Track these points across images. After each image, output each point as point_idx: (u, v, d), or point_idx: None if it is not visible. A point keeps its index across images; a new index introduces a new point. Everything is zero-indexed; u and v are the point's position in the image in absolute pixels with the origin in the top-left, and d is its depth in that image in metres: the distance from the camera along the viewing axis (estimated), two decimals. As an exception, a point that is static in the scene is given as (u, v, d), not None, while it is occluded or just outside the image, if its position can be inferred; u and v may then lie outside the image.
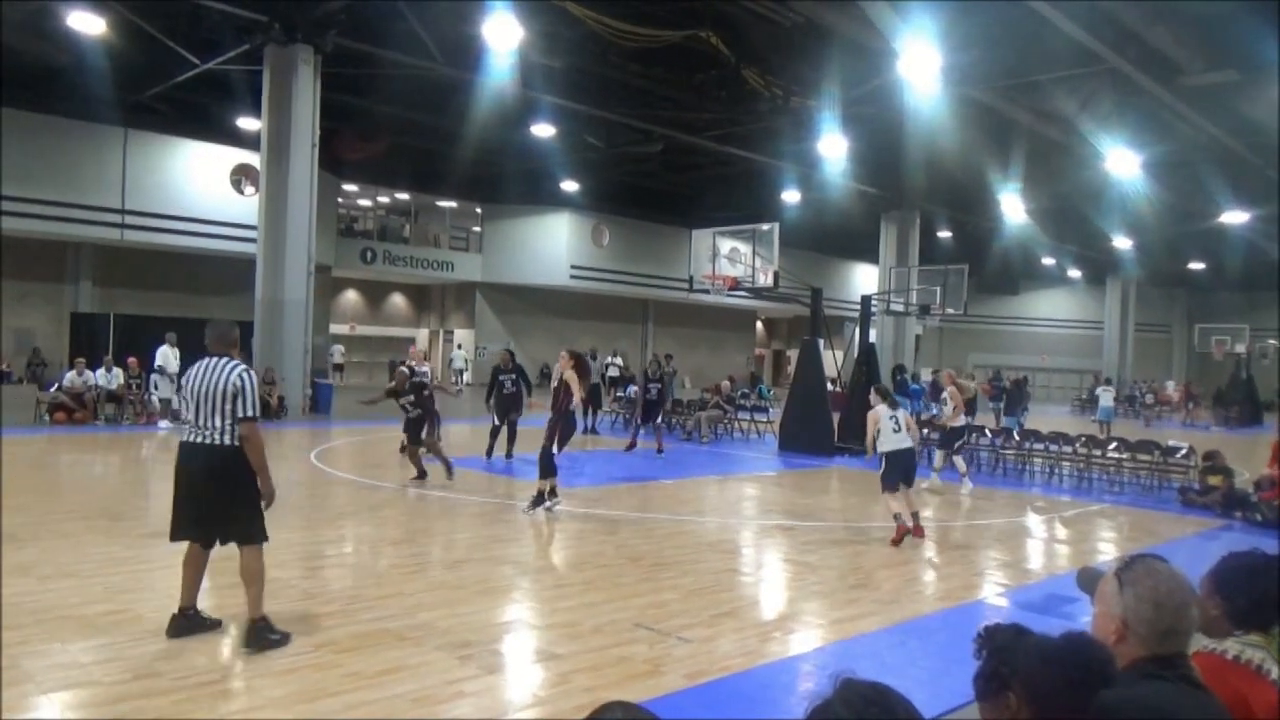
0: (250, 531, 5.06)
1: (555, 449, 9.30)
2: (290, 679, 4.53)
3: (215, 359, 5.06)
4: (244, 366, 5.09)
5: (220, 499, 5.00)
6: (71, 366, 17.53)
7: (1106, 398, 23.48)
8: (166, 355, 17.47)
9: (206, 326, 5.27)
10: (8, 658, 4.66)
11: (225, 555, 5.21)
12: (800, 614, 6.30)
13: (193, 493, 5.01)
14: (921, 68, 16.31)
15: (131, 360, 17.61)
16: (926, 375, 27.02)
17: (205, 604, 5.32)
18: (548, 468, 9.27)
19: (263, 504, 5.08)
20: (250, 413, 4.99)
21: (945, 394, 13.08)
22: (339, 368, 35.20)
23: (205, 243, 25.57)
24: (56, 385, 16.93)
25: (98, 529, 7.86)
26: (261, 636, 4.94)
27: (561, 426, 9.35)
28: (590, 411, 18.64)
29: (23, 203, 22.74)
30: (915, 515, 8.69)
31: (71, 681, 4.43)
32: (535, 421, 12.80)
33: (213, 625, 5.17)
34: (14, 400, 18.55)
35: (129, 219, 24.44)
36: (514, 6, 16.20)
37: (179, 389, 5.17)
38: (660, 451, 15.30)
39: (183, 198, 25.20)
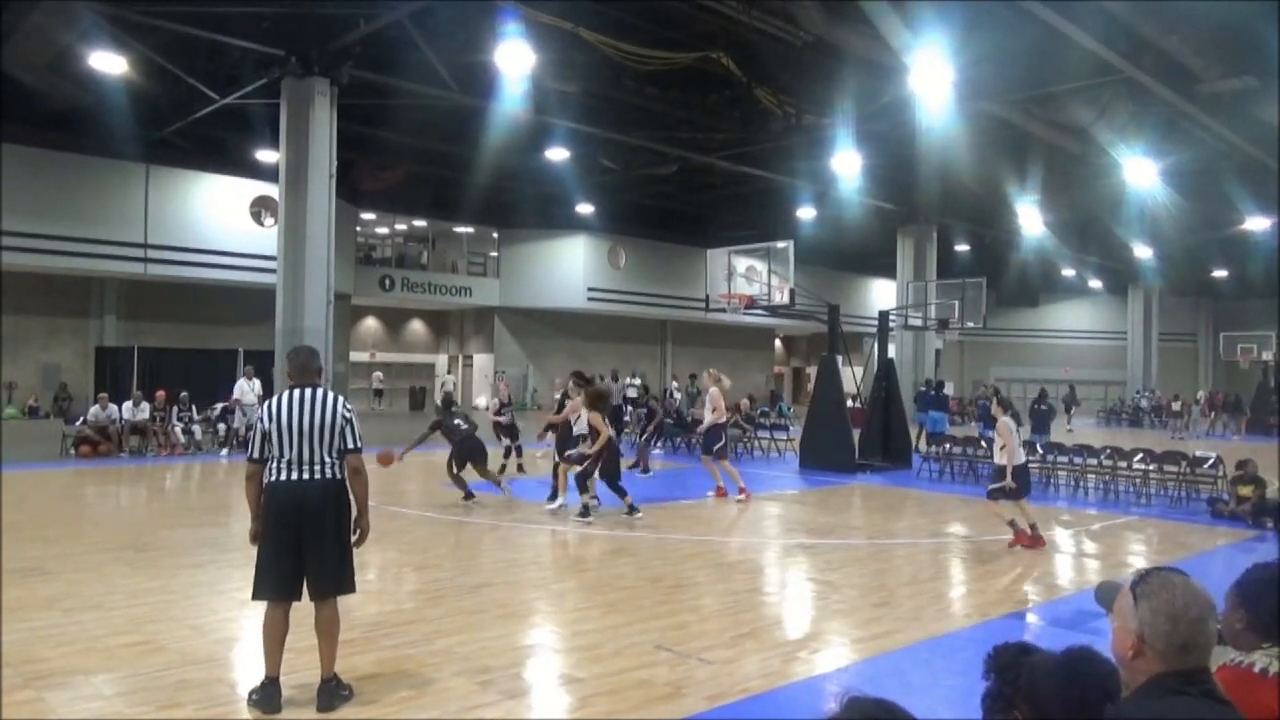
0: (344, 577, 4.72)
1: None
2: (311, 707, 4.52)
3: (305, 389, 4.71)
4: (342, 396, 4.85)
5: (329, 540, 4.62)
6: (95, 400, 17.76)
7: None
8: (243, 388, 17.81)
9: (288, 355, 4.94)
10: (33, 690, 4.69)
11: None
12: (823, 633, 6.23)
13: (298, 536, 4.57)
14: (934, 82, 16.31)
15: (160, 394, 17.78)
16: (947, 390, 26.90)
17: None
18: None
19: (358, 542, 4.80)
20: (360, 444, 4.78)
21: (708, 396, 13.00)
22: (379, 393, 35.69)
23: (226, 274, 25.88)
24: (82, 419, 17.14)
25: (123, 560, 7.92)
26: (336, 695, 4.58)
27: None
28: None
29: (49, 240, 23.14)
30: (1033, 526, 9.24)
31: (95, 714, 4.45)
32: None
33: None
34: (41, 434, 18.80)
35: (152, 253, 24.80)
36: (526, 33, 16.36)
37: (266, 423, 4.65)
38: (645, 471, 15.56)
39: (204, 231, 25.55)
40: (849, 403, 18.27)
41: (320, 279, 18.53)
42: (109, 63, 18.00)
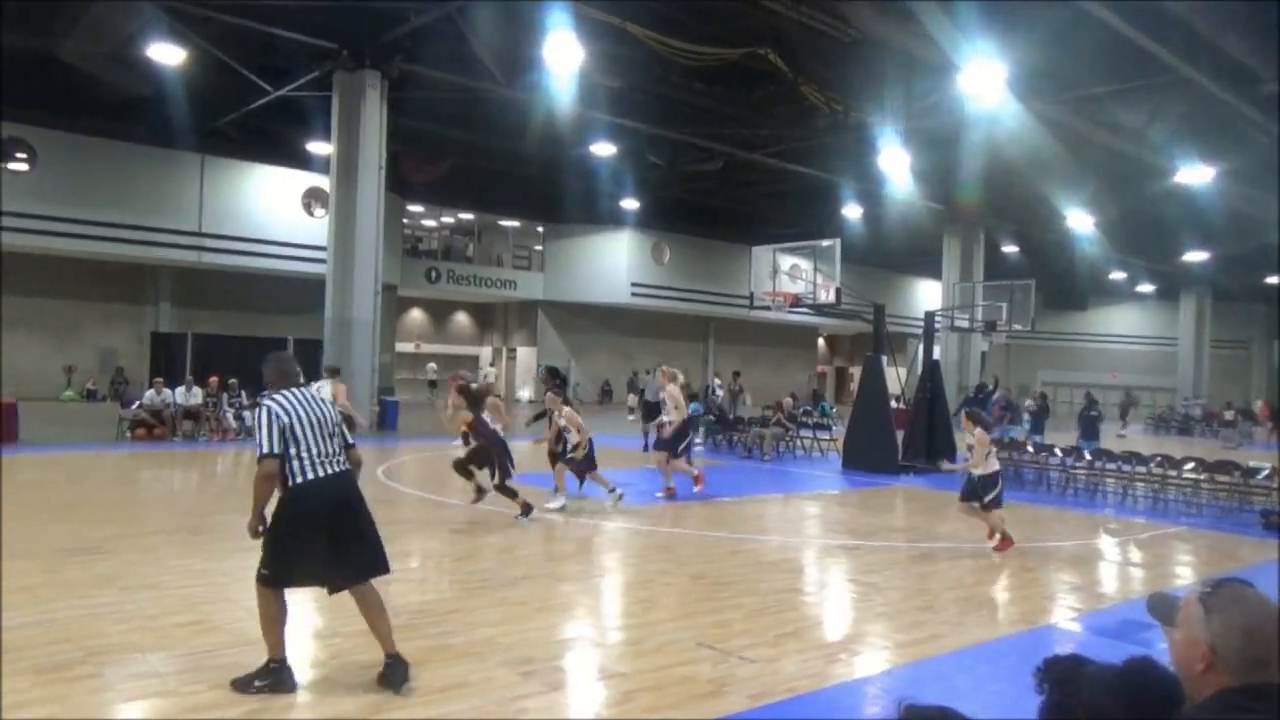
0: (383, 557, 4.87)
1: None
2: (358, 693, 4.60)
3: (298, 389, 4.80)
4: None
5: (369, 525, 4.79)
6: (151, 385, 18.19)
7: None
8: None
9: (271, 359, 4.92)
10: (91, 665, 4.83)
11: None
12: (865, 636, 6.20)
13: (339, 526, 4.67)
14: (984, 81, 16.10)
15: (212, 380, 18.13)
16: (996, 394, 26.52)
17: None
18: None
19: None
20: (354, 439, 5.00)
21: (665, 395, 12.29)
22: (433, 384, 36.09)
23: (277, 264, 26.34)
24: (138, 403, 17.57)
25: (177, 542, 8.11)
26: (406, 671, 4.71)
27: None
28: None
29: (106, 227, 23.73)
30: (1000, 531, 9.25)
31: (150, 691, 4.57)
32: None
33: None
34: (98, 417, 19.29)
35: (206, 242, 25.32)
36: (575, 28, 16.42)
37: (285, 417, 4.60)
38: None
39: (256, 221, 26.05)
40: (893, 404, 18.11)
41: (369, 270, 18.78)
42: (167, 54, 18.37)
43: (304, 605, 5.73)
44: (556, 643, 5.68)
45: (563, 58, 17.13)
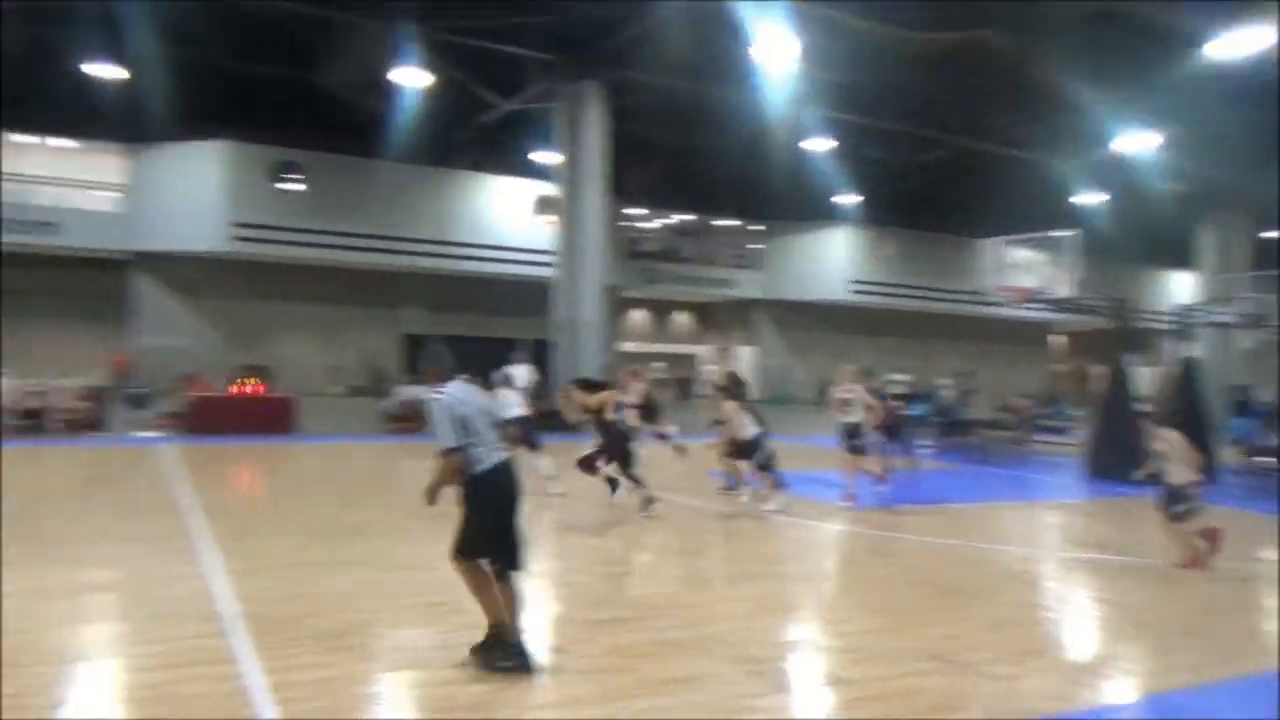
0: None
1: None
2: (591, 679, 4.81)
3: (463, 382, 5.00)
4: None
5: (521, 518, 5.03)
6: (404, 383, 19.82)
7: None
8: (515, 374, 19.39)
9: (428, 354, 5.12)
10: (356, 638, 5.33)
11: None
12: (1116, 658, 5.75)
13: (515, 509, 5.00)
14: (1246, 45, 14.46)
15: (458, 378, 19.48)
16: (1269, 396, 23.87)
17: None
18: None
19: None
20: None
21: (853, 397, 11.06)
22: (661, 383, 37.08)
23: (511, 268, 27.94)
24: (394, 399, 19.24)
25: (429, 529, 8.72)
26: (514, 652, 4.90)
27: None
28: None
29: (358, 238, 26.18)
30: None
31: (407, 663, 5.02)
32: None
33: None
34: (361, 412, 21.15)
35: (447, 249, 27.29)
36: (789, 23, 16.22)
37: (462, 409, 4.83)
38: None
39: (491, 228, 27.80)
40: (1142, 408, 16.64)
41: (594, 272, 19.48)
42: (411, 77, 19.85)
43: (542, 591, 6.08)
44: (781, 643, 5.68)
45: (778, 54, 16.99)
